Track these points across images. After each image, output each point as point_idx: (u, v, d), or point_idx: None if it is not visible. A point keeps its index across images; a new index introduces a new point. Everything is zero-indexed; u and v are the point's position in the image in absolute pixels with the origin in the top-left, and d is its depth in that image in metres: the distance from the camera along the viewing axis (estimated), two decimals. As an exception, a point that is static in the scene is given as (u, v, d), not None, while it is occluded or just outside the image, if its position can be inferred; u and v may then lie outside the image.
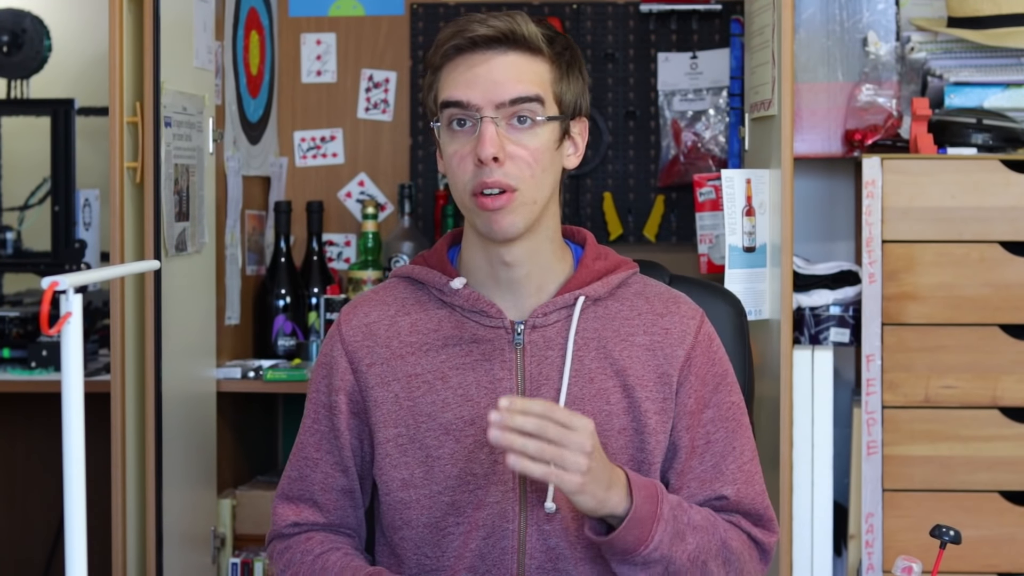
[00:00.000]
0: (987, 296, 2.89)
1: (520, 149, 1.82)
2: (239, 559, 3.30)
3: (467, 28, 1.83)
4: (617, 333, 1.89)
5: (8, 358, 3.51)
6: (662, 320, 1.91)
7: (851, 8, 3.23)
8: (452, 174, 1.84)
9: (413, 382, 1.87)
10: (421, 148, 3.75)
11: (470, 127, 1.82)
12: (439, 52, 1.86)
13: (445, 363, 1.87)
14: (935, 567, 1.76)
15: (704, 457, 1.90)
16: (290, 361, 3.42)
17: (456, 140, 1.84)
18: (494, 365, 1.86)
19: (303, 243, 3.63)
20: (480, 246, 1.89)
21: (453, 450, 1.85)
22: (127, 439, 2.79)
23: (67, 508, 1.45)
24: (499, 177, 1.80)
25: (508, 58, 1.83)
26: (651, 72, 3.67)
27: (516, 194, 1.81)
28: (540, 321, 1.88)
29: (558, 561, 1.85)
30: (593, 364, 1.87)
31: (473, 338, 1.87)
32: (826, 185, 3.39)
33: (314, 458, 1.94)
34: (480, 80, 1.82)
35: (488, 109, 1.81)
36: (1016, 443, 2.88)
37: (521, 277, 1.88)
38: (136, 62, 2.80)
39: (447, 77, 1.84)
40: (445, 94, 1.84)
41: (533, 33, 1.84)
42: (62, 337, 1.45)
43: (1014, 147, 2.96)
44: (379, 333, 1.91)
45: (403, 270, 1.96)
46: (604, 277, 1.91)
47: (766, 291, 2.87)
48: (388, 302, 1.93)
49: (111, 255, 2.87)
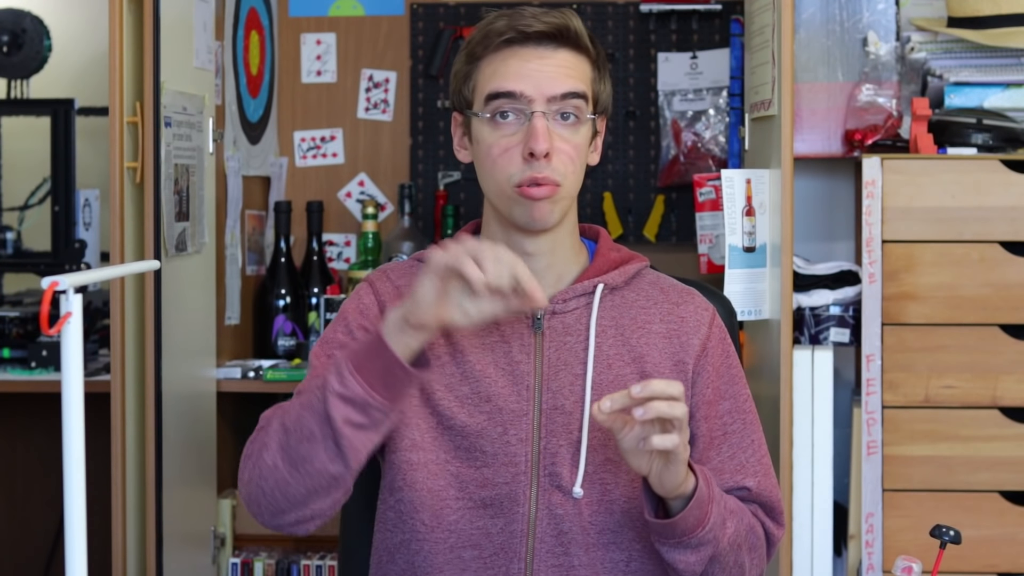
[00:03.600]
0: (987, 296, 2.89)
1: (565, 144, 1.85)
2: (239, 559, 3.31)
3: (521, 22, 1.85)
4: (634, 321, 1.91)
5: (8, 358, 3.51)
6: (678, 309, 1.94)
7: (851, 8, 3.23)
8: (492, 164, 1.85)
9: (435, 350, 1.87)
10: (421, 148, 3.75)
11: (515, 119, 1.84)
12: (485, 43, 1.86)
13: (466, 339, 1.88)
14: (935, 567, 1.76)
15: (721, 448, 1.92)
16: (290, 361, 3.42)
17: (499, 131, 1.85)
18: (512, 347, 1.88)
19: (303, 243, 3.63)
20: (503, 235, 1.90)
21: (464, 423, 1.86)
22: (127, 439, 2.79)
23: (67, 508, 1.45)
24: (548, 172, 1.83)
25: (560, 54, 1.86)
26: (651, 72, 3.67)
27: (560, 188, 1.84)
28: (560, 307, 1.89)
29: (569, 546, 1.85)
30: (611, 351, 1.89)
31: (493, 321, 1.88)
32: (826, 185, 3.39)
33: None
34: (533, 73, 1.84)
35: (539, 103, 1.83)
36: (1016, 443, 2.88)
37: (542, 268, 1.90)
38: (136, 62, 2.80)
39: (493, 68, 1.86)
40: (494, 84, 1.84)
41: (583, 32, 1.87)
42: (62, 337, 1.45)
43: (1014, 147, 2.96)
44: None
45: (424, 255, 1.95)
46: (620, 267, 1.94)
47: (766, 291, 2.87)
48: (416, 275, 1.93)
49: (111, 255, 2.87)
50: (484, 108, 1.86)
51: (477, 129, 1.88)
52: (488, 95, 1.85)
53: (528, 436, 1.86)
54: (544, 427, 1.86)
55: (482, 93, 1.86)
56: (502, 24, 1.86)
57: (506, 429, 1.85)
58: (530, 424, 1.86)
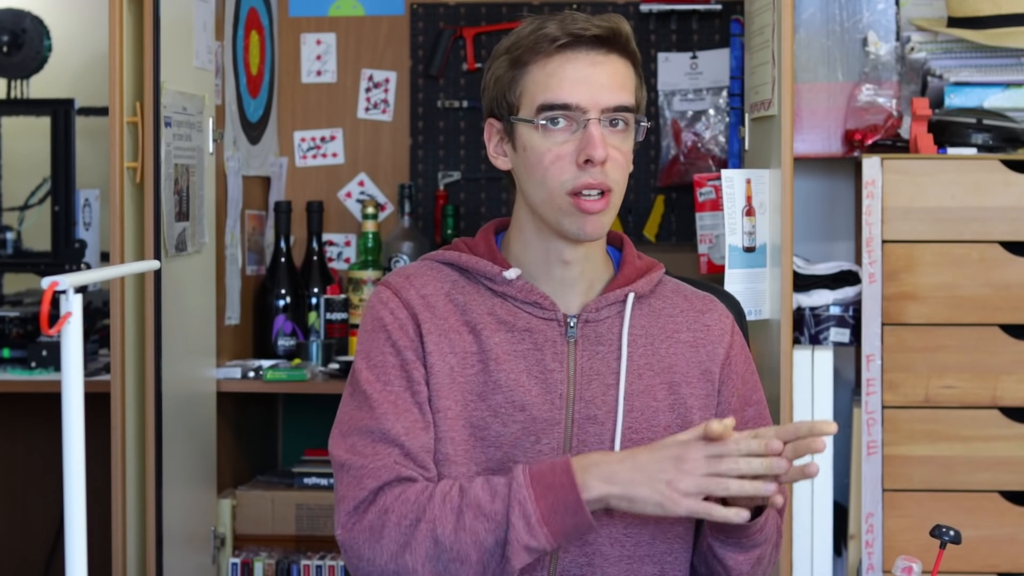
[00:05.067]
0: (987, 296, 2.89)
1: (617, 152, 1.84)
2: (239, 559, 3.31)
3: (576, 27, 1.83)
4: (663, 330, 1.92)
5: (8, 358, 3.51)
6: (703, 317, 1.95)
7: (851, 8, 3.23)
8: (544, 172, 1.83)
9: (468, 359, 1.86)
10: (421, 148, 3.75)
11: (566, 126, 1.83)
12: (536, 48, 1.84)
13: (499, 346, 1.86)
14: (935, 567, 1.76)
15: None
16: (290, 361, 3.42)
17: (551, 138, 1.83)
18: (545, 355, 1.86)
19: (303, 243, 3.63)
20: (539, 242, 1.89)
21: (499, 433, 1.84)
22: (127, 439, 2.79)
23: (67, 508, 1.45)
24: (602, 178, 1.82)
25: (610, 61, 1.84)
26: (651, 72, 3.67)
27: (611, 195, 1.83)
28: (593, 316, 1.89)
29: (593, 557, 1.84)
30: (641, 360, 1.89)
31: (527, 327, 1.87)
32: (826, 185, 3.39)
33: (398, 430, 1.82)
34: (586, 82, 1.82)
35: (594, 111, 1.82)
36: (1016, 443, 2.88)
37: (576, 275, 1.89)
38: (136, 62, 2.80)
39: (543, 76, 1.83)
40: (549, 95, 1.82)
41: (631, 37, 1.86)
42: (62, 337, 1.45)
43: (1014, 147, 2.96)
44: (437, 305, 1.88)
45: (443, 256, 1.93)
46: (646, 275, 1.93)
47: (766, 291, 2.87)
48: (440, 279, 1.91)
49: (111, 255, 2.87)
50: (537, 116, 1.83)
51: (525, 136, 1.85)
52: (542, 105, 1.83)
53: (559, 445, 1.84)
54: (575, 436, 1.85)
55: (533, 100, 1.84)
56: (554, 28, 1.83)
57: (539, 438, 1.84)
58: (562, 434, 1.85)
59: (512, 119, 1.86)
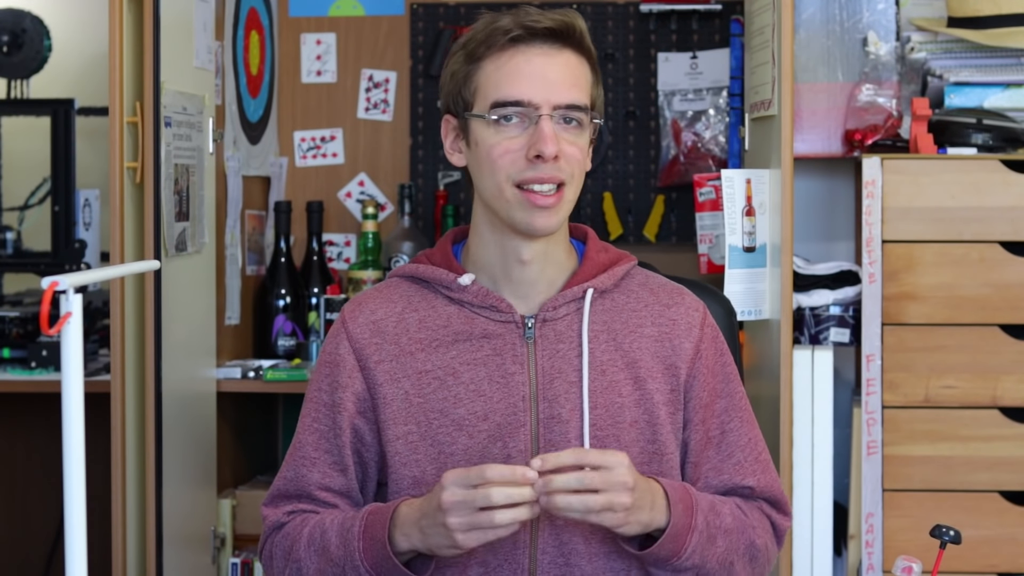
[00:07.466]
0: (987, 296, 2.89)
1: (570, 147, 1.84)
2: (239, 559, 3.30)
3: (528, 19, 1.83)
4: (626, 325, 1.90)
5: (8, 358, 3.51)
6: (668, 311, 1.93)
7: (851, 8, 3.23)
8: (491, 165, 1.83)
9: (424, 379, 1.87)
10: (421, 148, 3.75)
11: (518, 122, 1.83)
12: (488, 42, 1.84)
13: (456, 359, 1.87)
14: (935, 567, 1.76)
15: (720, 447, 1.92)
16: (290, 361, 3.42)
17: (501, 133, 1.83)
18: (505, 360, 1.86)
19: (303, 243, 3.63)
20: (496, 242, 1.89)
21: (466, 445, 1.85)
22: (127, 439, 2.79)
23: (67, 508, 1.45)
24: (554, 172, 1.82)
25: (563, 56, 1.84)
26: (651, 72, 3.67)
27: (564, 190, 1.83)
28: (550, 315, 1.88)
29: (570, 556, 1.85)
30: (604, 356, 1.88)
31: (484, 333, 1.87)
32: (826, 185, 3.39)
33: (312, 457, 1.92)
34: (537, 78, 1.82)
35: (546, 107, 1.82)
36: (1016, 443, 2.88)
37: (535, 274, 1.89)
38: (136, 62, 2.80)
39: (495, 70, 1.84)
40: (500, 93, 1.83)
41: (587, 33, 1.86)
42: (62, 337, 1.45)
43: (1014, 147, 2.96)
44: (387, 330, 1.90)
45: (404, 269, 1.95)
46: (609, 269, 1.92)
47: (766, 291, 2.87)
48: (394, 299, 1.92)
49: (111, 255, 2.87)
50: (489, 112, 1.84)
51: (478, 131, 1.85)
52: (495, 102, 1.83)
53: (527, 447, 1.85)
54: (542, 437, 1.85)
55: (486, 96, 1.84)
56: (507, 21, 1.84)
57: (506, 443, 1.84)
58: (528, 435, 1.85)
59: (466, 115, 1.86)
